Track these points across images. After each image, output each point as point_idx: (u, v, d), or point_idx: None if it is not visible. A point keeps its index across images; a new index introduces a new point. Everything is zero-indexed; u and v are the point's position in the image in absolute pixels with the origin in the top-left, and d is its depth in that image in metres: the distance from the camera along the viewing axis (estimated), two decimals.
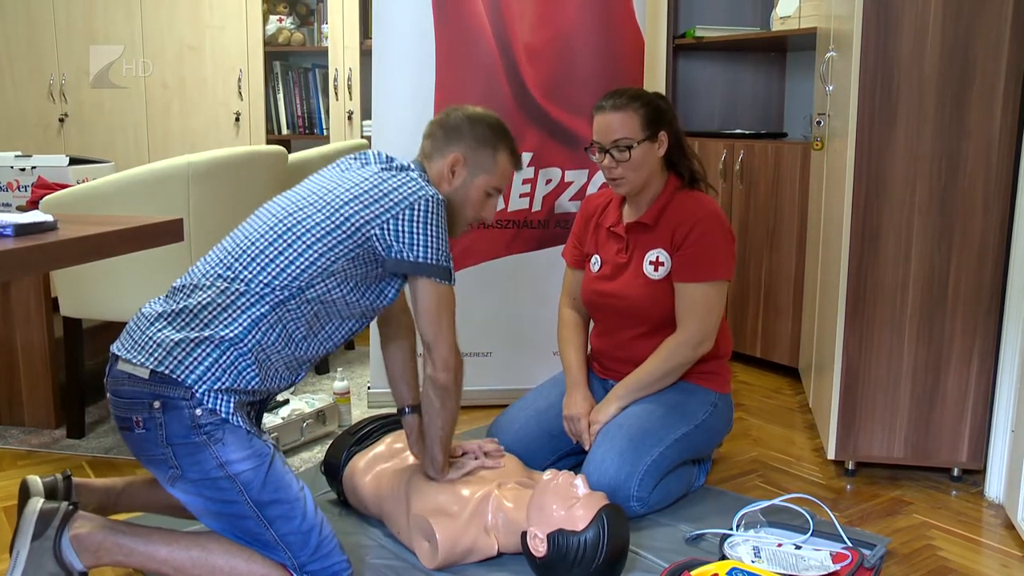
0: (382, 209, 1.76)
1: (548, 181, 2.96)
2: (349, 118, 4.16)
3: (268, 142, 4.21)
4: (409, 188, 1.78)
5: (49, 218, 1.49)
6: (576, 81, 2.90)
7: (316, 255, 1.73)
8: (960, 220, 2.30)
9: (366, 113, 4.10)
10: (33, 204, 2.76)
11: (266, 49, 4.15)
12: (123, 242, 1.56)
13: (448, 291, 1.82)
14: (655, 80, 3.75)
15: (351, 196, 1.77)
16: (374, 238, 1.75)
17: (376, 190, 1.78)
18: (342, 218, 1.75)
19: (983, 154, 2.26)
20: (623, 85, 2.85)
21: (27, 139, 4.29)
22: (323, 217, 1.76)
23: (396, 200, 1.76)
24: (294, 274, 1.72)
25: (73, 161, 3.16)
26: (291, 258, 1.73)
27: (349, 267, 1.76)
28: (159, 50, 4.16)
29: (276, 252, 1.74)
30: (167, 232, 1.66)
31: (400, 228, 1.75)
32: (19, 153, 3.19)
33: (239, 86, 4.14)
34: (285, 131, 4.31)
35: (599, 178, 2.95)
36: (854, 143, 2.32)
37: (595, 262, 2.41)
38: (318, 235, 1.74)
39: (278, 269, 1.72)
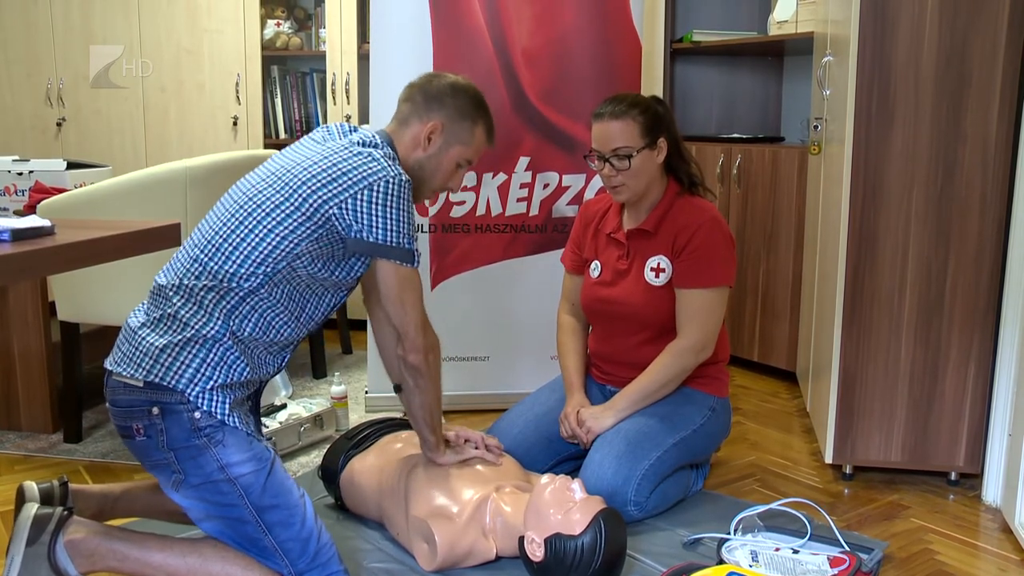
0: (340, 188, 1.72)
1: (546, 185, 2.96)
2: (347, 122, 4.15)
3: (266, 146, 4.21)
4: (369, 167, 1.74)
5: (46, 223, 1.49)
6: (573, 85, 2.90)
7: (278, 239, 1.70)
8: (957, 224, 2.31)
9: (364, 117, 4.10)
10: (30, 208, 2.76)
11: (264, 53, 4.15)
12: (121, 246, 1.56)
13: (411, 273, 1.79)
14: (652, 84, 3.75)
15: (309, 175, 1.73)
16: (333, 218, 1.72)
17: (335, 168, 1.74)
18: (300, 199, 1.72)
19: (979, 158, 2.27)
20: (620, 89, 2.86)
21: (24, 143, 4.28)
22: (282, 199, 1.72)
23: (355, 179, 1.72)
24: (258, 260, 1.70)
25: (71, 165, 3.16)
26: (253, 244, 1.70)
27: (313, 248, 1.73)
28: (157, 54, 4.16)
29: (238, 239, 1.71)
30: (165, 236, 1.66)
31: (359, 208, 1.72)
32: (16, 157, 3.19)
33: (237, 90, 4.13)
34: (283, 135, 4.31)
35: (597, 182, 2.95)
36: (851, 147, 2.32)
37: (595, 268, 2.41)
38: (278, 218, 1.71)
39: (242, 257, 1.70)
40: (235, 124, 4.16)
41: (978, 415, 2.37)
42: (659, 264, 2.27)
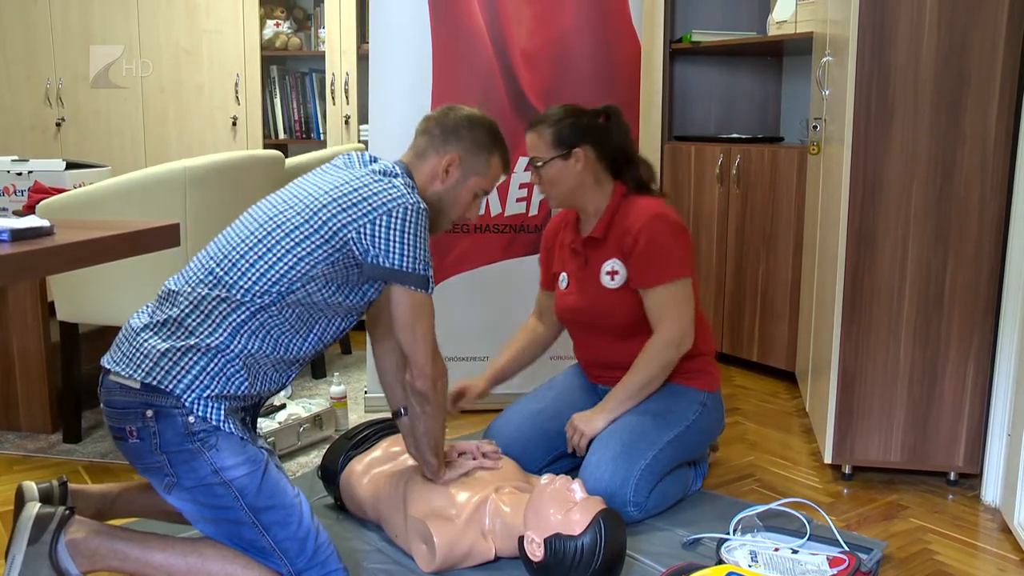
0: (359, 213, 1.74)
1: None
2: (346, 122, 4.15)
3: (265, 146, 4.21)
4: (389, 194, 1.76)
5: (46, 223, 1.49)
6: (573, 85, 2.90)
7: (295, 259, 1.72)
8: (956, 224, 2.31)
9: (363, 117, 4.10)
10: (30, 208, 2.76)
11: (263, 53, 4.15)
12: (120, 247, 1.56)
13: (425, 300, 1.80)
14: (652, 84, 3.75)
15: (329, 199, 1.76)
16: (351, 242, 1.73)
17: (355, 194, 1.76)
18: (319, 222, 1.73)
19: (978, 158, 2.27)
20: (620, 89, 2.88)
21: (24, 143, 4.28)
22: (301, 221, 1.74)
23: (375, 205, 1.74)
24: (274, 279, 1.71)
25: (70, 165, 3.15)
26: (271, 263, 1.72)
27: (329, 271, 1.74)
28: (156, 54, 4.16)
29: (256, 257, 1.72)
30: (164, 237, 1.66)
31: (376, 233, 1.73)
32: (16, 157, 3.18)
33: (236, 90, 4.13)
34: (282, 135, 4.31)
35: None
36: (850, 147, 2.32)
37: (562, 279, 2.44)
38: (296, 239, 1.73)
39: (258, 274, 1.71)
40: (234, 124, 4.16)
41: (977, 415, 2.37)
42: (612, 268, 2.30)
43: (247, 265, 1.72)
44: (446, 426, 2.03)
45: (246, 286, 1.71)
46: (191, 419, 1.64)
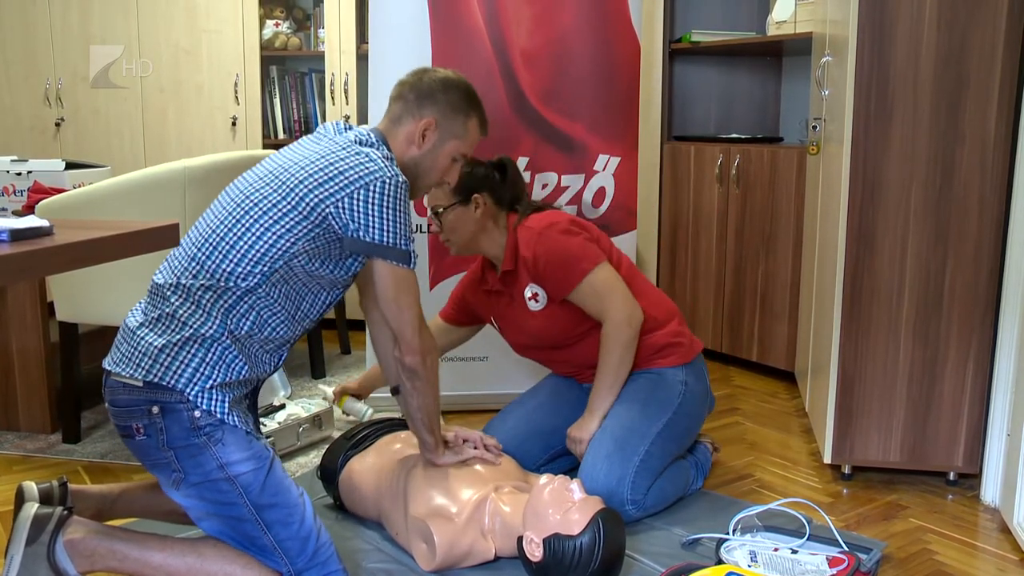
0: (336, 187, 1.72)
1: (544, 186, 2.96)
2: (345, 121, 4.15)
3: (265, 147, 4.21)
4: (366, 167, 1.74)
5: (45, 223, 1.49)
6: (572, 86, 2.90)
7: (275, 237, 1.70)
8: (955, 224, 2.31)
9: (362, 117, 4.10)
10: (29, 209, 2.76)
11: (263, 53, 4.15)
12: (119, 247, 1.55)
13: (407, 274, 1.79)
14: (651, 84, 3.75)
15: (306, 175, 1.74)
16: (330, 217, 1.72)
17: (332, 167, 1.74)
18: (297, 198, 1.72)
19: (978, 158, 2.27)
20: (619, 89, 2.87)
21: (23, 143, 4.28)
22: (279, 198, 1.72)
23: (351, 179, 1.72)
24: (255, 259, 1.70)
25: (69, 165, 3.15)
26: (250, 242, 1.70)
27: (310, 246, 1.73)
28: (156, 54, 4.16)
29: (235, 238, 1.71)
30: (163, 237, 1.65)
31: (355, 207, 1.72)
32: (15, 157, 3.18)
33: (235, 90, 4.13)
34: (282, 135, 4.31)
35: (595, 183, 2.95)
36: (850, 147, 2.33)
37: (494, 322, 2.48)
38: (275, 216, 1.71)
39: (239, 256, 1.70)
40: (234, 124, 4.16)
41: (977, 415, 2.38)
42: (532, 292, 2.34)
43: (227, 247, 1.71)
44: (440, 403, 2.02)
45: (228, 269, 1.70)
46: (196, 413, 1.64)
